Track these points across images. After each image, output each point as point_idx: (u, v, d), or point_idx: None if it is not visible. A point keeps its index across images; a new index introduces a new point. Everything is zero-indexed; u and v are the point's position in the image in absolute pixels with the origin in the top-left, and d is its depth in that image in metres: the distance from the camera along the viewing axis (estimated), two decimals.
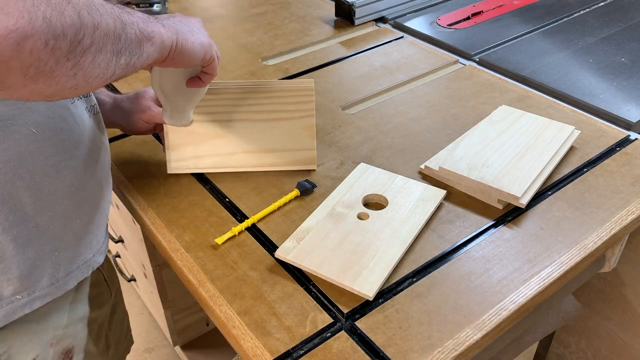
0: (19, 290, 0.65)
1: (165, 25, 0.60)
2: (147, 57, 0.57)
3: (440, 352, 0.62)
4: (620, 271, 1.07)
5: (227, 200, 0.84)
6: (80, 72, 0.47)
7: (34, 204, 0.64)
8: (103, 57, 0.49)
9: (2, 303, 0.64)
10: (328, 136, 0.97)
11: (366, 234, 0.75)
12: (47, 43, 0.43)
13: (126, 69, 0.54)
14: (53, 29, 0.43)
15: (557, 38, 1.26)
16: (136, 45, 0.55)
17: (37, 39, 0.42)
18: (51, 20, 0.43)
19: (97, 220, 0.74)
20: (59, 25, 0.43)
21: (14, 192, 0.62)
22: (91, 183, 0.71)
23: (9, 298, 0.65)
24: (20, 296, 0.65)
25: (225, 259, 0.74)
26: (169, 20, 0.63)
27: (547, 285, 0.70)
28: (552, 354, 1.34)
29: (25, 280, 0.65)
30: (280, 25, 1.36)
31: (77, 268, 0.71)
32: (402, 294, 0.69)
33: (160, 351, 1.59)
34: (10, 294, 0.65)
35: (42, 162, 0.64)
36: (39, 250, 0.66)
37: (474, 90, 1.09)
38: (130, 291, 1.73)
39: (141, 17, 0.57)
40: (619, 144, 0.94)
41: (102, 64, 0.50)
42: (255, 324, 0.66)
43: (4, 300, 0.64)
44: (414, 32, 1.30)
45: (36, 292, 0.67)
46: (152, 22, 0.58)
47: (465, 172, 0.82)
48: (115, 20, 0.50)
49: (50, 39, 0.43)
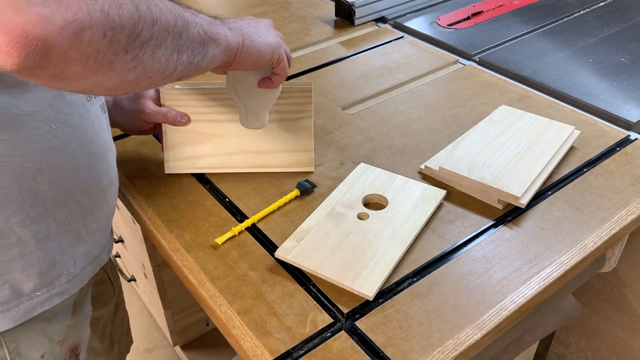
0: (39, 287, 0.66)
1: (232, 29, 0.61)
2: (211, 58, 0.58)
3: (440, 352, 0.62)
4: (620, 271, 1.07)
5: (227, 200, 0.84)
6: (139, 66, 0.49)
7: (54, 199, 0.64)
8: (163, 53, 0.50)
9: (22, 299, 0.65)
10: (328, 136, 0.97)
11: (366, 234, 0.75)
12: (105, 34, 0.44)
13: (189, 68, 0.55)
14: (111, 21, 0.44)
15: (557, 38, 1.26)
16: (199, 45, 0.56)
17: (96, 31, 0.43)
18: (109, 13, 0.44)
19: (105, 218, 0.75)
20: (116, 18, 0.45)
21: (35, 187, 0.62)
22: (103, 179, 0.72)
23: (29, 295, 0.65)
24: (40, 292, 0.66)
25: (225, 259, 0.74)
26: (236, 22, 0.64)
27: (547, 285, 0.70)
28: (552, 354, 1.34)
29: (45, 277, 0.66)
30: (280, 25, 1.36)
31: (89, 264, 0.72)
32: (402, 294, 0.69)
33: (160, 351, 1.59)
34: (30, 291, 0.65)
35: (61, 157, 0.64)
36: (58, 245, 0.66)
37: (474, 90, 1.09)
38: (130, 291, 1.73)
39: (206, 19, 0.58)
40: (619, 144, 0.94)
41: (162, 59, 0.51)
42: (255, 324, 0.66)
43: (23, 297, 0.65)
44: (414, 32, 1.30)
45: (55, 289, 0.68)
46: (218, 24, 0.59)
47: (465, 172, 0.82)
48: (175, 17, 0.51)
49: (108, 31, 0.44)
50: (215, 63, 0.60)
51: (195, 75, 0.59)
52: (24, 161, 0.61)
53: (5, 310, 0.64)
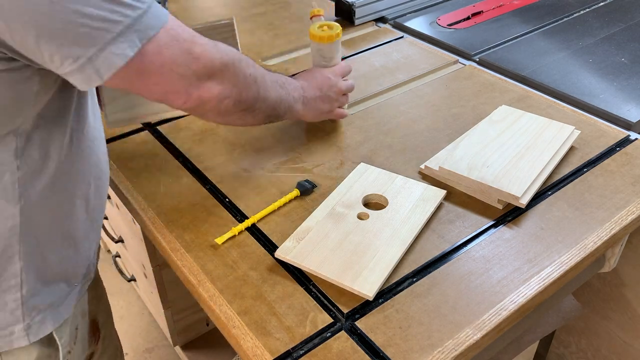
0: (79, 278, 0.74)
1: (306, 104, 0.87)
2: (285, 118, 0.86)
3: (440, 352, 0.62)
4: (620, 271, 1.07)
5: (227, 200, 0.84)
6: (246, 120, 0.77)
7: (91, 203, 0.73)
8: (261, 116, 0.78)
9: (71, 291, 0.72)
10: (328, 136, 0.97)
11: (366, 234, 0.75)
12: (236, 104, 0.71)
13: (269, 122, 0.83)
14: (243, 98, 0.72)
15: (557, 38, 1.26)
16: (282, 116, 0.83)
17: (230, 100, 0.70)
18: (241, 93, 0.71)
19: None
20: (243, 96, 0.72)
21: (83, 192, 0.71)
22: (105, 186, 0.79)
23: (74, 287, 0.73)
24: (77, 283, 0.73)
25: (225, 259, 0.74)
26: (308, 91, 0.88)
27: (547, 285, 0.70)
28: (552, 354, 1.33)
29: (83, 269, 0.74)
30: (280, 25, 1.36)
31: (98, 249, 0.80)
32: (402, 294, 0.69)
33: (160, 351, 1.59)
34: (73, 283, 0.73)
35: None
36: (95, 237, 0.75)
37: (474, 90, 1.09)
38: (130, 291, 1.73)
39: (292, 94, 0.84)
40: (619, 144, 0.94)
41: (258, 119, 0.79)
42: (255, 324, 0.66)
43: (72, 288, 0.72)
44: (414, 32, 1.30)
45: (87, 277, 0.76)
46: (299, 101, 0.85)
47: (465, 172, 0.82)
48: (276, 97, 0.79)
49: (237, 102, 0.71)
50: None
51: None
52: (92, 180, 0.72)
53: (60, 304, 0.70)
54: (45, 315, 0.67)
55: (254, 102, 0.74)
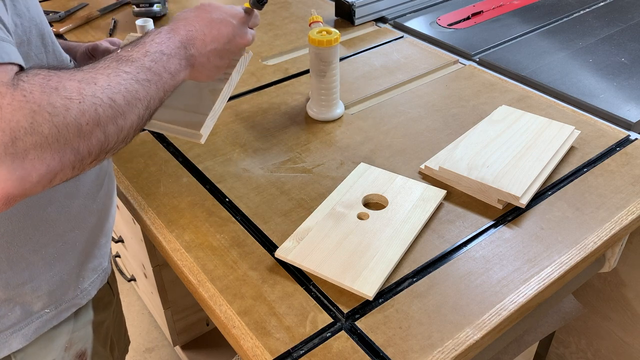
0: (47, 304, 0.68)
1: (195, 66, 0.63)
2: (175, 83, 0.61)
3: (440, 352, 0.62)
4: (620, 271, 1.07)
5: (227, 200, 0.84)
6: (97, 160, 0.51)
7: (63, 224, 0.67)
8: (131, 134, 0.53)
9: (32, 319, 0.67)
10: (328, 136, 0.97)
11: (366, 234, 0.75)
12: (74, 168, 0.47)
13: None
14: (81, 156, 0.47)
15: (557, 38, 1.26)
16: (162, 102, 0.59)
17: (66, 172, 0.47)
18: (79, 150, 0.46)
19: (109, 229, 0.77)
20: (86, 151, 0.47)
21: (46, 216, 0.65)
22: (105, 194, 0.74)
23: (38, 313, 0.67)
24: (48, 310, 0.68)
25: (225, 259, 0.74)
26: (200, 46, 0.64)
27: (547, 285, 0.70)
28: (552, 354, 1.33)
29: (53, 295, 0.68)
30: (280, 25, 1.36)
31: (97, 277, 0.75)
32: (402, 294, 0.69)
33: (160, 351, 1.59)
34: (39, 309, 0.67)
35: (70, 186, 0.67)
36: (66, 265, 0.69)
37: (474, 90, 1.09)
38: (130, 291, 1.73)
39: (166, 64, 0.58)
40: (619, 144, 0.94)
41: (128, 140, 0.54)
42: (255, 324, 0.66)
43: (33, 315, 0.67)
44: (414, 32, 1.30)
45: (62, 305, 0.70)
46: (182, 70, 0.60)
47: (465, 172, 0.82)
48: (138, 115, 0.53)
49: (77, 164, 0.47)
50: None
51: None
52: (40, 194, 0.62)
53: (17, 330, 0.66)
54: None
55: (100, 150, 0.49)
